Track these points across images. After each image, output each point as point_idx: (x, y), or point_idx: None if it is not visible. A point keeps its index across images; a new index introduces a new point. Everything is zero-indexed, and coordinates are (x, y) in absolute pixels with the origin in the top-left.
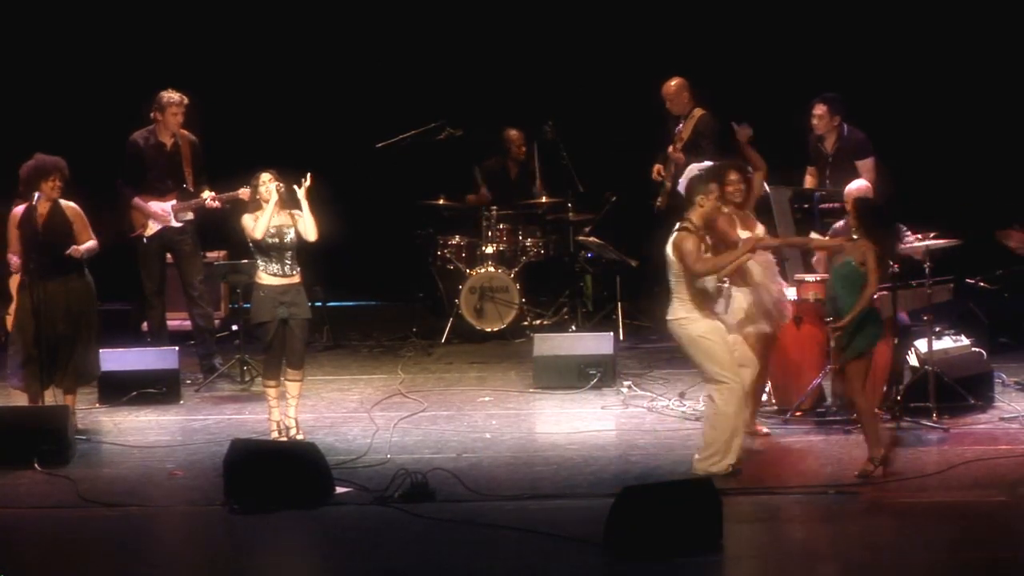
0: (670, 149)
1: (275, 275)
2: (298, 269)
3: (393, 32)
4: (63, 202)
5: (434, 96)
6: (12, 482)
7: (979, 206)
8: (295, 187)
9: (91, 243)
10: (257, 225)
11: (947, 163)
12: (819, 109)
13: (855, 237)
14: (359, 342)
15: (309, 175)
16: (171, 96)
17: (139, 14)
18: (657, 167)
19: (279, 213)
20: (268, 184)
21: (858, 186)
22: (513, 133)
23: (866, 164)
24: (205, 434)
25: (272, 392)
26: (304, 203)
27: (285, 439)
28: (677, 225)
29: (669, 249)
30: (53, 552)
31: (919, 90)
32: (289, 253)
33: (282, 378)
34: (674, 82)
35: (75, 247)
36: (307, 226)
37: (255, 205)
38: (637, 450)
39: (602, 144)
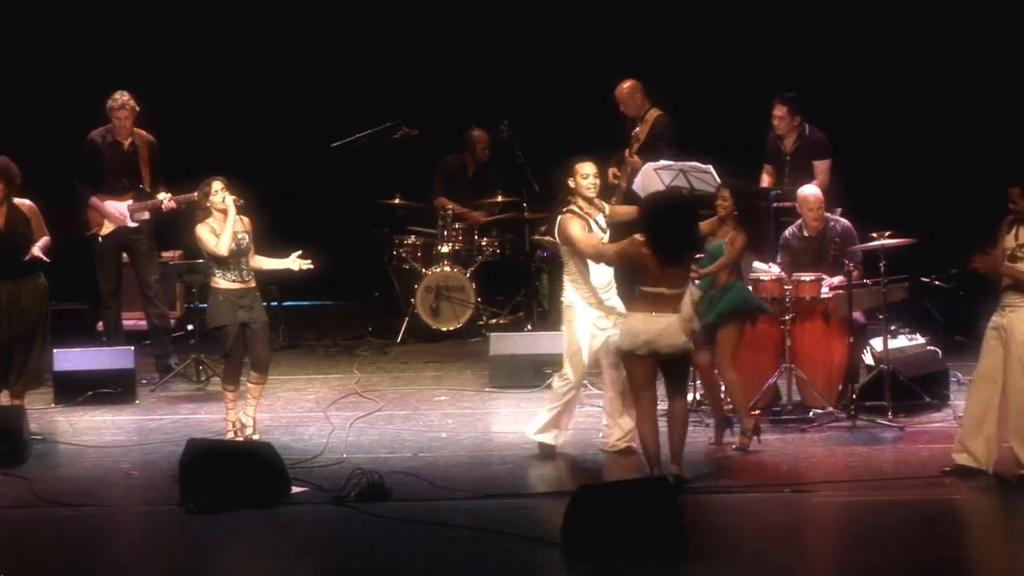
0: (626, 153)
1: (234, 281)
2: (253, 273)
3: (348, 30)
4: (18, 201)
5: (390, 95)
6: None
7: (934, 205)
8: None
9: (45, 238)
10: (221, 242)
11: (902, 162)
12: (779, 110)
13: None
14: (315, 342)
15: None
16: (115, 100)
17: (94, 12)
18: (612, 169)
19: (224, 214)
20: (222, 193)
21: (812, 191)
22: (479, 134)
23: (822, 165)
24: (161, 434)
25: (230, 395)
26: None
27: (241, 439)
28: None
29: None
30: (9, 552)
31: (875, 89)
32: (244, 259)
33: (244, 380)
34: (627, 84)
35: (34, 250)
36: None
37: (205, 212)
38: (593, 449)
39: (559, 143)
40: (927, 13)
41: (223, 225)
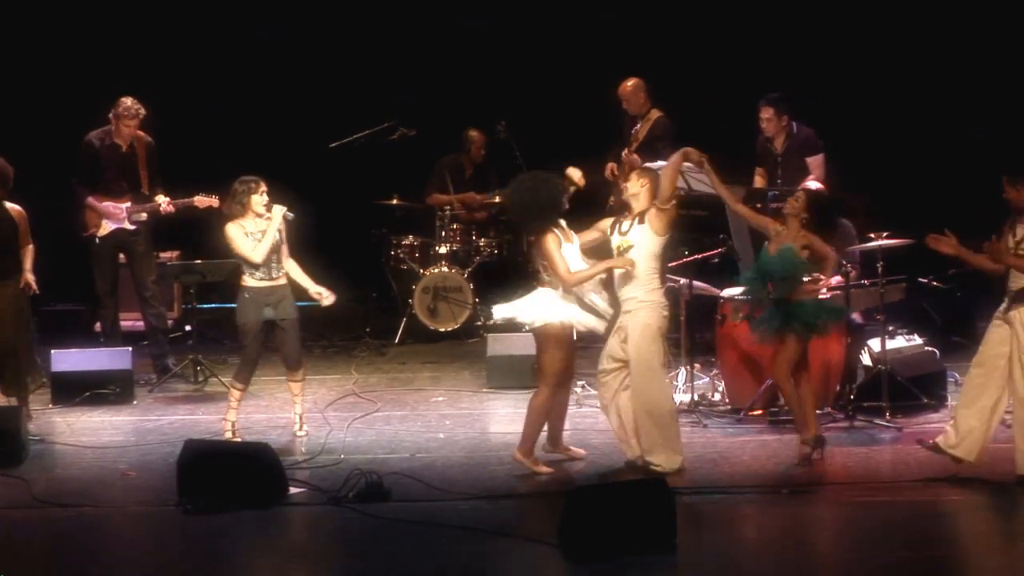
0: (625, 152)
1: (262, 279)
2: (284, 271)
3: (348, 30)
4: (8, 204)
5: (389, 95)
6: None
7: (932, 206)
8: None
9: (29, 246)
10: (258, 249)
11: (900, 162)
12: (766, 112)
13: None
14: (312, 342)
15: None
16: (127, 108)
17: (93, 13)
18: (611, 166)
19: (261, 218)
20: (267, 198)
21: (816, 186)
22: (475, 134)
23: (816, 160)
24: (158, 434)
25: (236, 394)
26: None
27: (239, 440)
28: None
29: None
30: (7, 553)
31: (874, 89)
32: (275, 255)
33: (287, 381)
34: (631, 82)
35: (28, 277)
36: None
37: (239, 210)
38: (591, 449)
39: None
40: (926, 12)
41: (255, 226)
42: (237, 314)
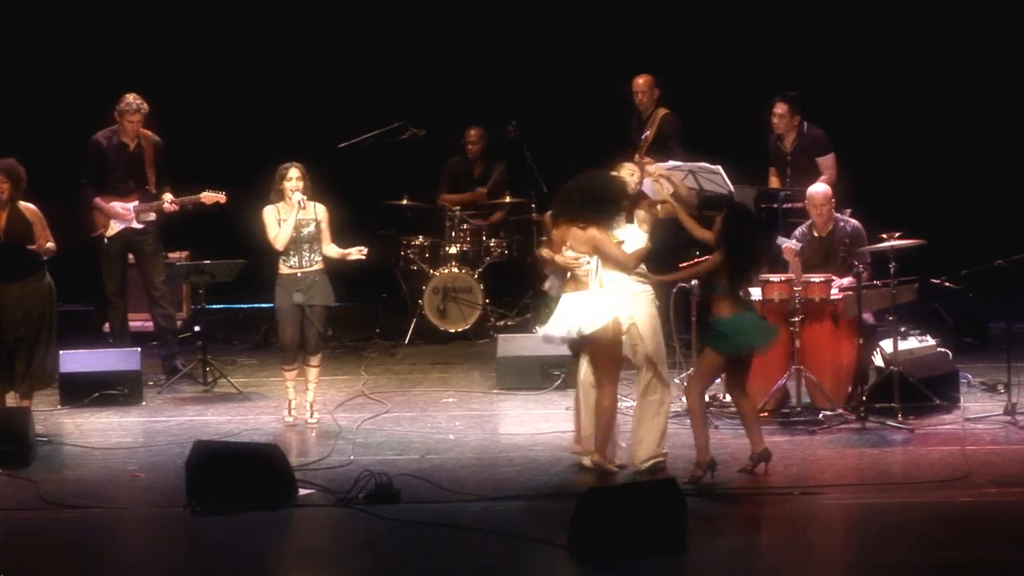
0: (636, 157)
1: (292, 267)
2: (319, 259)
3: (352, 31)
4: (22, 204)
5: (398, 96)
6: None
7: (944, 206)
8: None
9: (49, 244)
10: (279, 236)
11: (912, 163)
12: (780, 108)
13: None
14: (322, 343)
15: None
16: (129, 103)
17: (96, 13)
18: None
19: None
20: (297, 182)
21: (819, 189)
22: (469, 132)
23: (826, 161)
24: (167, 435)
25: (287, 376)
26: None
27: (291, 420)
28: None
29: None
30: (14, 554)
31: (884, 89)
32: (307, 245)
33: (303, 364)
34: (644, 78)
35: (40, 244)
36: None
37: (278, 195)
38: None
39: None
40: (938, 13)
41: (289, 212)
42: (275, 300)
